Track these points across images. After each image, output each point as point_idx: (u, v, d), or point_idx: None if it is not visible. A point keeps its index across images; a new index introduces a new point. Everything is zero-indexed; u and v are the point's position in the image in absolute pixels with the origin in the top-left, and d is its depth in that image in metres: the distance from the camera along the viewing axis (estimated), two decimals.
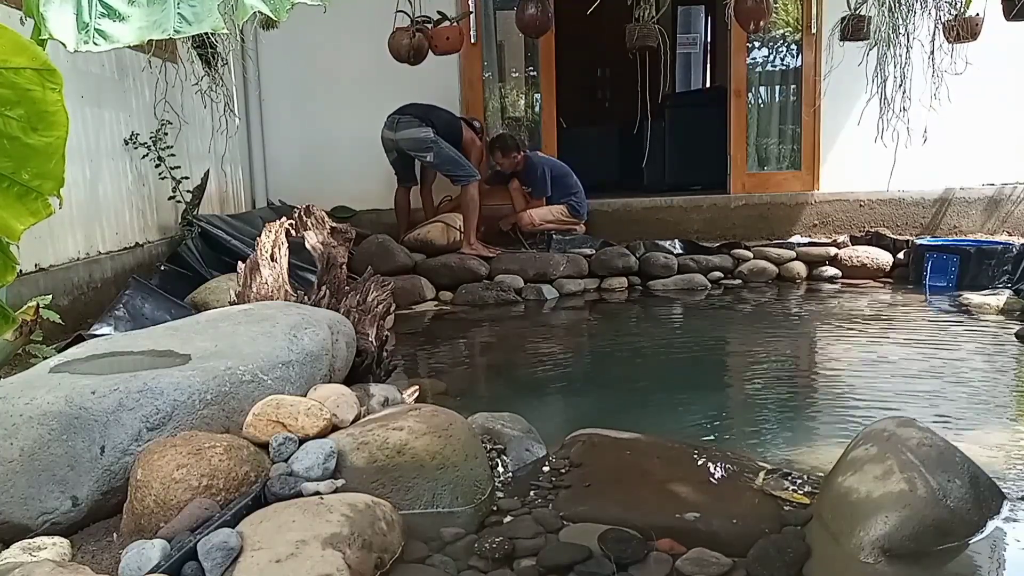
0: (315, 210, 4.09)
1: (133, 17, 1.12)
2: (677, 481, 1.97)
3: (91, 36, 1.10)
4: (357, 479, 1.77)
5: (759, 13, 4.45)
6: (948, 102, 4.81)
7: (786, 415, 2.89)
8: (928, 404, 2.85)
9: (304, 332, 2.20)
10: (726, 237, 5.94)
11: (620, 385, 3.43)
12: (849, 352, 3.89)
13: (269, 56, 5.96)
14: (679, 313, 4.95)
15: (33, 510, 1.64)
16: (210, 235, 4.40)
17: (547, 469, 2.07)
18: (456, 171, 5.40)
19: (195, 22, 1.12)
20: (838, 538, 1.66)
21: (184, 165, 4.59)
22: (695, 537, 1.69)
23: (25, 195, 1.18)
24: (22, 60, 1.08)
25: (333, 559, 1.43)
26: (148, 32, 1.12)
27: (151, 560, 1.42)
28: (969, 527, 1.65)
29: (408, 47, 4.92)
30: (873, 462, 1.73)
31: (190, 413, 1.80)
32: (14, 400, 1.73)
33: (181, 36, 1.13)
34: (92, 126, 3.81)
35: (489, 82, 6.40)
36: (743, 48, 6.30)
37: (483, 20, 6.15)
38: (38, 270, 3.24)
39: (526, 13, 4.75)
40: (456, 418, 1.99)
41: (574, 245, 5.59)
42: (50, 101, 1.12)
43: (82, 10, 1.10)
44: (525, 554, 1.66)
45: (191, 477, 1.60)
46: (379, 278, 3.41)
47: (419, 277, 5.16)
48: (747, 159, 6.40)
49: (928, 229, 6.12)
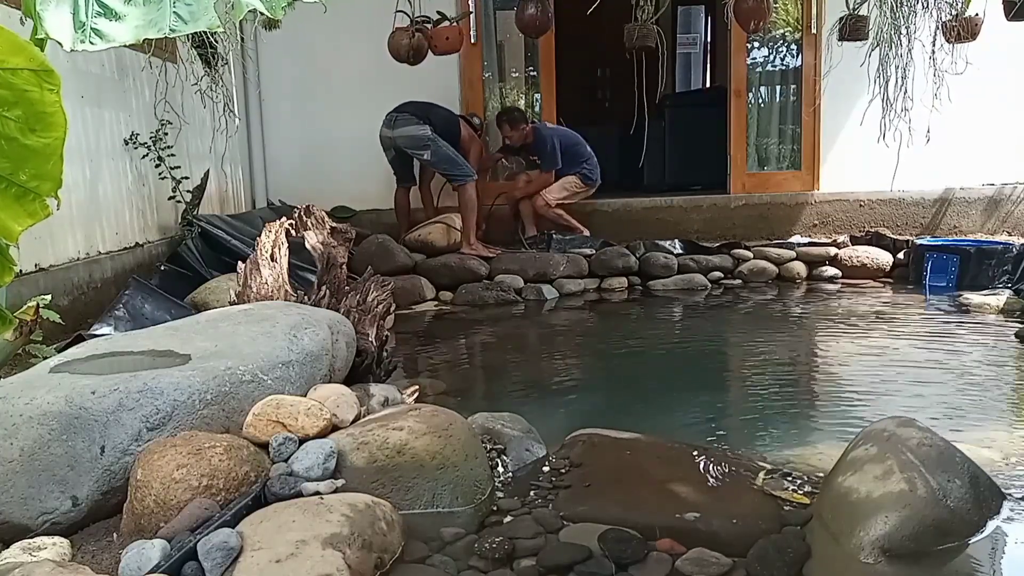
0: (315, 210, 4.08)
1: (129, 16, 1.12)
2: (677, 481, 1.97)
3: (87, 35, 1.10)
4: (357, 479, 1.77)
5: (759, 13, 4.45)
6: (949, 102, 4.81)
7: (786, 415, 2.89)
8: (928, 404, 2.85)
9: (304, 332, 2.20)
10: (726, 237, 5.94)
11: (620, 385, 3.43)
12: (849, 352, 3.89)
13: (269, 56, 5.96)
14: (679, 313, 4.95)
15: (33, 510, 1.64)
16: (210, 235, 4.40)
17: (547, 469, 2.07)
18: (453, 170, 5.40)
19: (191, 21, 1.12)
20: (838, 538, 1.66)
21: (184, 165, 4.59)
22: (695, 537, 1.69)
23: (23, 196, 1.18)
24: (20, 61, 1.08)
25: (333, 559, 1.43)
26: (144, 31, 1.12)
27: (151, 560, 1.42)
28: (969, 527, 1.65)
29: (408, 47, 4.92)
30: (873, 462, 1.73)
31: (190, 413, 1.80)
32: (14, 400, 1.73)
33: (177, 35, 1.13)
34: (92, 126, 3.81)
35: (489, 82, 6.40)
36: (743, 48, 6.30)
37: (483, 20, 6.15)
38: (38, 270, 3.24)
39: (526, 13, 4.74)
40: (456, 418, 1.99)
41: (574, 245, 5.59)
42: (48, 102, 1.12)
43: (79, 9, 1.10)
44: (525, 554, 1.66)
45: (191, 477, 1.60)
46: (379, 278, 3.41)
47: (419, 277, 5.16)
48: (747, 159, 6.40)
49: (928, 229, 6.12)
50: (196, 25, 1.12)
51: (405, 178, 5.69)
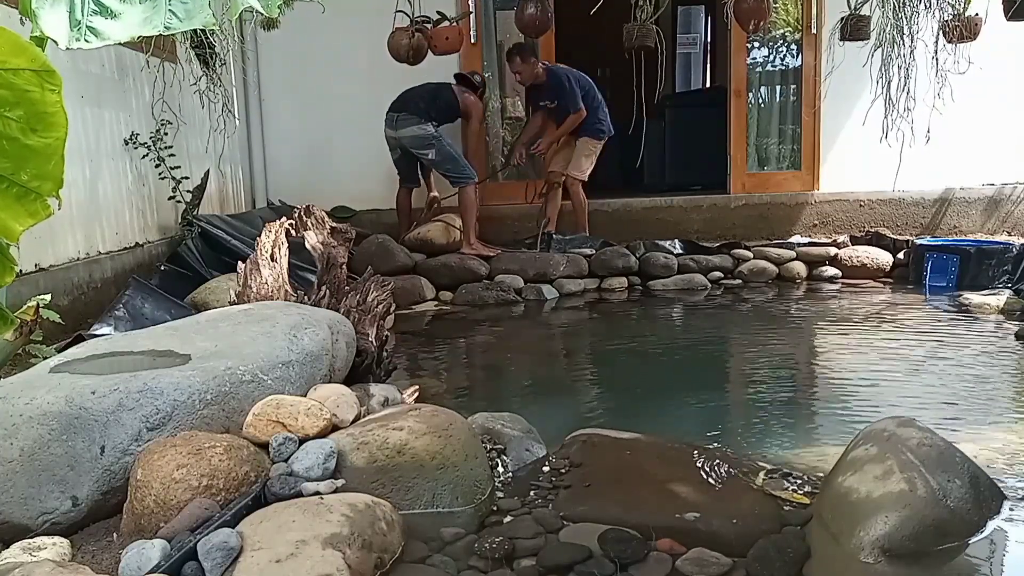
0: (315, 210, 4.08)
1: (125, 14, 1.12)
2: (677, 481, 1.97)
3: (83, 33, 1.10)
4: (357, 479, 1.77)
5: (759, 13, 4.45)
6: (951, 102, 4.81)
7: (786, 415, 2.89)
8: (928, 404, 2.85)
9: (304, 332, 2.20)
10: (726, 237, 5.94)
11: (620, 385, 3.43)
12: (849, 352, 3.89)
13: (269, 56, 5.96)
14: (679, 313, 4.95)
15: (33, 510, 1.64)
16: (210, 235, 4.40)
17: (547, 469, 2.07)
18: (454, 171, 5.40)
19: (186, 19, 1.12)
20: (838, 538, 1.66)
21: (184, 165, 4.59)
22: (695, 537, 1.69)
23: (24, 196, 1.18)
24: (21, 61, 1.08)
25: (333, 559, 1.43)
26: (139, 28, 1.12)
27: (151, 560, 1.42)
28: (969, 527, 1.65)
29: (408, 47, 4.92)
30: (873, 462, 1.73)
31: (190, 413, 1.80)
32: (14, 400, 1.73)
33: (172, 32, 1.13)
34: (92, 126, 3.81)
35: (489, 82, 6.40)
36: (743, 48, 6.30)
37: (483, 20, 6.16)
38: (38, 270, 3.24)
39: (526, 13, 4.75)
40: (456, 418, 1.99)
41: (574, 245, 5.59)
42: (49, 102, 1.12)
43: (75, 8, 1.10)
44: (525, 554, 1.66)
45: (191, 477, 1.60)
46: (379, 278, 3.40)
47: (419, 277, 5.15)
48: (747, 159, 6.40)
49: (928, 229, 6.13)
50: (191, 23, 1.12)
51: (409, 179, 5.67)
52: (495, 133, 6.47)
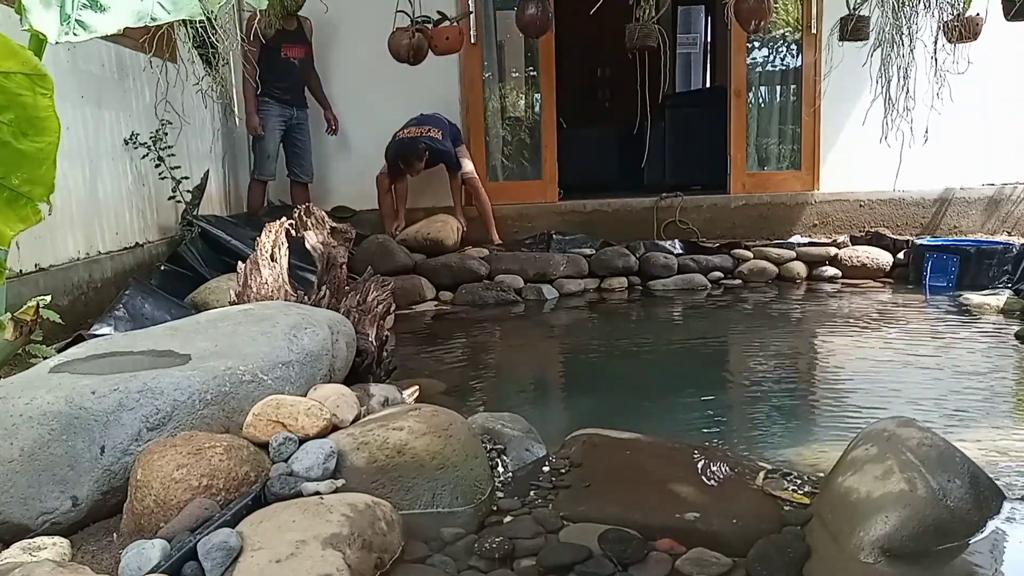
0: (315, 210, 4.08)
1: (113, 7, 1.12)
2: (677, 481, 1.97)
3: (71, 27, 1.10)
4: (357, 479, 1.77)
5: (759, 13, 4.45)
6: (951, 102, 4.81)
7: (786, 415, 2.89)
8: (928, 404, 2.85)
9: (304, 332, 2.20)
10: (726, 237, 5.94)
11: (620, 385, 3.43)
12: (849, 352, 3.89)
13: None
14: (679, 313, 4.95)
15: (33, 510, 1.63)
16: (210, 235, 4.40)
17: (547, 469, 2.07)
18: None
19: (173, 10, 1.12)
20: (838, 538, 1.66)
21: (184, 165, 4.59)
22: (695, 537, 1.69)
23: (15, 200, 1.18)
24: (12, 64, 1.07)
25: (333, 559, 1.43)
26: (127, 20, 1.12)
27: (151, 560, 1.42)
28: (969, 527, 1.65)
29: (408, 47, 4.92)
30: (873, 462, 1.73)
31: (190, 413, 1.80)
32: (14, 400, 1.73)
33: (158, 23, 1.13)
34: (92, 126, 3.81)
35: (489, 82, 6.41)
36: (743, 48, 6.30)
37: (483, 20, 6.15)
38: (38, 270, 3.24)
39: (526, 13, 4.75)
40: (456, 418, 1.99)
41: (574, 245, 5.60)
42: (41, 106, 1.11)
43: (65, 2, 1.10)
44: (525, 554, 1.65)
45: (191, 477, 1.60)
46: (379, 278, 3.40)
47: (419, 277, 5.15)
48: (747, 159, 6.40)
49: (928, 229, 6.12)
50: (179, 14, 1.12)
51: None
52: (495, 133, 6.47)
